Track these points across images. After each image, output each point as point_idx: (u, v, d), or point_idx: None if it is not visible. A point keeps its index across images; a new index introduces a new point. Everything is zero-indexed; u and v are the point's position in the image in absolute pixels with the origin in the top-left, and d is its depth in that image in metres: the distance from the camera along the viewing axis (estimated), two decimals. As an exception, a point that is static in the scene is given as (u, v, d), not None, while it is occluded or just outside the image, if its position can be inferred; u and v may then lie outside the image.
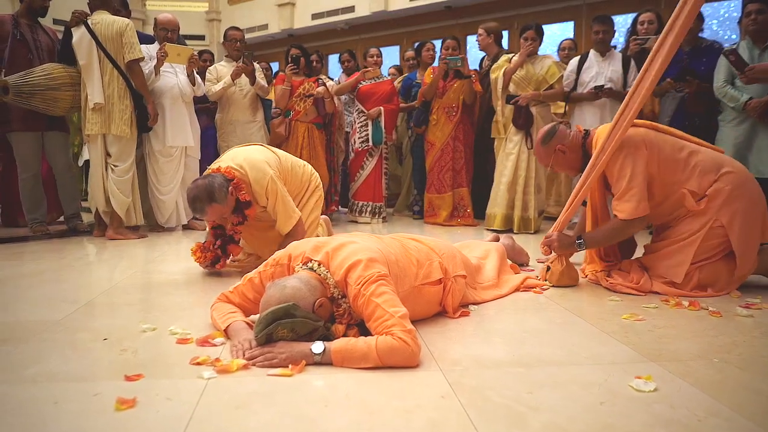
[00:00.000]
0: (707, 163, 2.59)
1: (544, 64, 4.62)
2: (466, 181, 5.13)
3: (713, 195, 2.54)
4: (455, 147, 5.09)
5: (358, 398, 1.45)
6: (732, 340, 1.92)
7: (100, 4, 4.23)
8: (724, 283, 2.56)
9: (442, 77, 5.02)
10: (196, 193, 2.70)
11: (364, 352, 1.63)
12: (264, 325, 1.67)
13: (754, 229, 2.55)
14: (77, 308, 2.31)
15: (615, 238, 2.70)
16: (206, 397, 1.45)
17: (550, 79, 4.58)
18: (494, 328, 2.08)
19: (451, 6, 9.07)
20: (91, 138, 4.22)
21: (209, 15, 12.11)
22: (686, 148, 2.63)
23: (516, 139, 4.63)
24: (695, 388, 1.52)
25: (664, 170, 2.58)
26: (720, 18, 6.87)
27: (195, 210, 2.78)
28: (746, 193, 2.55)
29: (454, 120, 5.05)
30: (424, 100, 5.18)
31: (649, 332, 2.01)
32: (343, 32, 10.51)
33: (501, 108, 4.72)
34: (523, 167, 4.61)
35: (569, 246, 2.73)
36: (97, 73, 4.12)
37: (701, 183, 2.56)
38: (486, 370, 1.65)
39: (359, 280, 1.75)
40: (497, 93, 4.76)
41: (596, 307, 2.38)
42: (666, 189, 2.60)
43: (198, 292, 2.62)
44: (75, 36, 4.10)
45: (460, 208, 5.14)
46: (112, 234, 4.24)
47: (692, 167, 2.58)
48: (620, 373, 1.62)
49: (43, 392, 1.48)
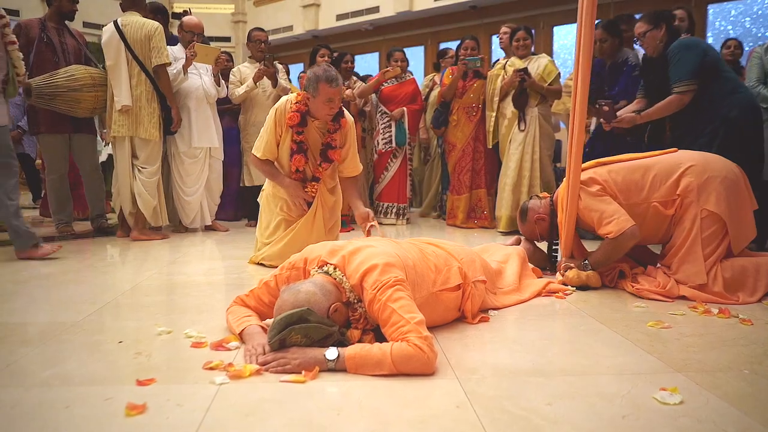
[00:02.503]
0: (663, 171, 2.65)
1: (540, 63, 4.62)
2: (485, 182, 5.03)
3: (685, 192, 2.58)
4: (475, 147, 5.02)
5: (371, 407, 1.41)
6: (764, 350, 1.84)
7: (131, 4, 4.28)
8: (753, 285, 2.48)
9: (461, 77, 4.97)
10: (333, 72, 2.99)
11: (379, 359, 1.59)
12: (277, 330, 1.65)
13: (740, 200, 2.58)
14: (97, 309, 2.32)
15: (614, 255, 2.71)
16: (217, 403, 1.43)
17: (547, 78, 4.56)
18: (514, 334, 2.03)
19: (476, 6, 8.98)
20: (118, 140, 4.26)
21: (235, 16, 12.20)
22: (639, 167, 2.70)
23: (519, 139, 4.59)
24: (724, 402, 1.45)
25: (626, 196, 2.67)
26: (753, 15, 6.68)
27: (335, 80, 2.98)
28: (715, 173, 2.58)
29: (475, 120, 4.98)
30: (443, 101, 5.13)
31: (676, 341, 1.94)
32: (368, 33, 10.48)
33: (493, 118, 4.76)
34: (527, 167, 4.56)
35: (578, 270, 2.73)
36: (125, 75, 4.15)
37: (666, 191, 2.62)
38: (504, 379, 1.61)
39: (375, 284, 1.72)
40: (492, 104, 4.77)
41: (621, 313, 2.31)
42: (637, 210, 2.65)
43: (217, 295, 2.61)
44: (104, 36, 4.15)
45: (478, 210, 5.06)
46: (136, 235, 4.29)
47: (651, 182, 2.66)
48: (645, 384, 1.56)
49: (56, 396, 1.47)
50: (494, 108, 4.76)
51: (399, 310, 1.67)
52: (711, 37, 7.49)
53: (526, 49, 4.65)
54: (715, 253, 2.54)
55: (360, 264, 1.79)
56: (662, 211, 2.63)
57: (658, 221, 2.65)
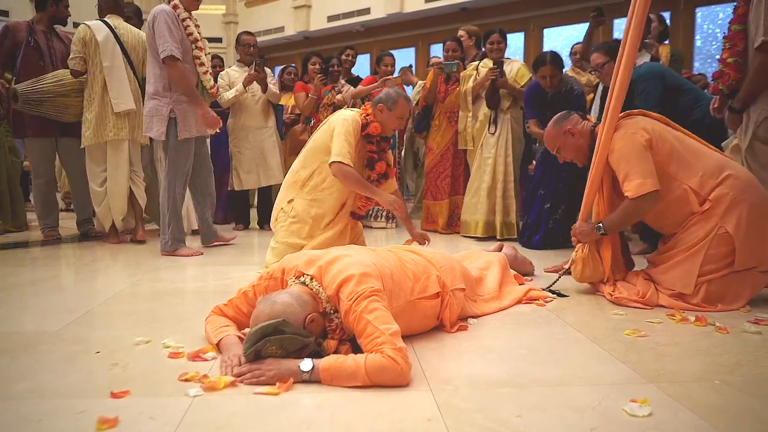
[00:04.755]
0: (711, 165, 2.55)
1: (513, 67, 4.63)
2: (464, 188, 4.89)
3: (716, 200, 2.48)
4: (455, 153, 4.94)
5: (342, 420, 1.42)
6: (736, 360, 1.86)
7: (113, 8, 4.22)
8: (734, 296, 2.49)
9: (443, 81, 4.96)
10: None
11: (353, 371, 1.60)
12: (253, 341, 1.66)
13: (761, 233, 2.48)
14: (77, 318, 2.32)
15: (630, 219, 2.67)
16: (190, 416, 1.44)
17: (520, 80, 4.57)
18: (491, 344, 2.04)
19: (467, 8, 9.01)
20: (116, 143, 4.15)
21: (226, 17, 12.20)
22: (692, 146, 2.61)
23: (492, 143, 4.57)
24: (693, 414, 1.46)
25: (667, 161, 2.55)
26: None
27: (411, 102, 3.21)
28: (750, 198, 2.48)
29: (456, 125, 4.92)
30: (425, 105, 5.10)
31: (651, 350, 1.96)
32: (359, 34, 10.50)
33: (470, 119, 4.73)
34: (501, 171, 4.55)
35: (590, 233, 2.70)
36: (125, 77, 4.11)
37: (703, 184, 2.52)
38: (477, 390, 1.62)
39: (351, 295, 1.73)
40: (467, 104, 4.75)
41: (599, 321, 2.33)
42: (668, 182, 2.54)
43: (198, 303, 2.62)
44: (99, 35, 4.04)
45: (455, 217, 4.97)
46: (143, 234, 4.32)
47: (695, 165, 2.55)
48: (616, 395, 1.58)
49: (30, 410, 1.47)
50: (469, 108, 4.73)
51: (374, 321, 1.68)
52: (699, 40, 7.55)
53: (500, 52, 4.62)
54: (712, 274, 2.47)
55: (336, 274, 1.80)
56: (689, 201, 2.52)
57: (680, 208, 2.56)
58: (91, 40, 4.03)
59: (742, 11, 2.90)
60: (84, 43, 4.02)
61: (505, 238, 4.44)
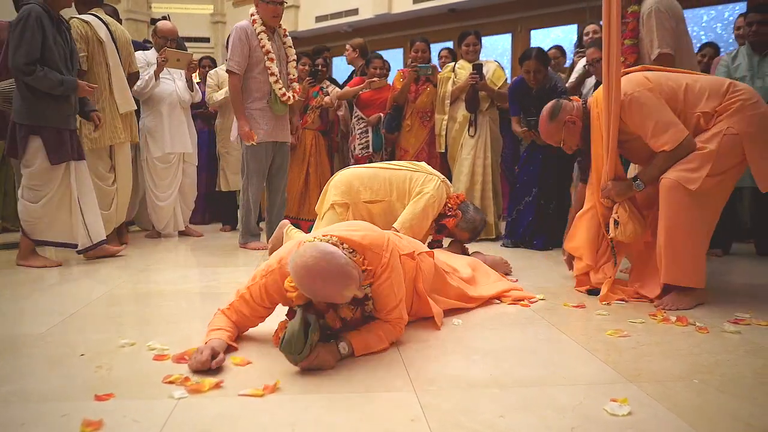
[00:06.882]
0: (713, 85, 2.55)
1: (489, 68, 4.65)
2: None
3: (723, 109, 2.48)
4: (430, 153, 4.94)
5: (326, 422, 1.43)
6: (715, 359, 1.89)
7: (98, 1, 4.09)
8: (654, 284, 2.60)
9: (413, 81, 4.95)
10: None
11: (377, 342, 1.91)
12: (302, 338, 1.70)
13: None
14: (62, 320, 2.32)
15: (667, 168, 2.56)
16: (174, 418, 1.44)
17: (497, 82, 4.59)
18: (475, 345, 2.06)
19: (455, 9, 9.03)
20: (122, 147, 4.14)
21: (214, 17, 12.12)
22: (683, 78, 2.60)
23: (470, 144, 4.60)
24: (672, 413, 1.49)
25: (672, 103, 2.53)
26: (725, 21, 6.80)
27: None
28: (759, 106, 2.48)
29: (429, 125, 4.93)
30: (395, 105, 5.05)
31: (632, 350, 1.99)
32: (347, 35, 10.47)
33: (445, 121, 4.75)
34: (479, 172, 4.58)
35: (627, 189, 2.64)
36: (123, 76, 4.07)
37: (712, 104, 2.50)
38: (461, 391, 1.63)
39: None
40: (444, 107, 4.76)
41: (583, 321, 2.36)
42: (684, 119, 2.52)
43: (184, 304, 2.62)
44: (100, 32, 3.93)
45: None
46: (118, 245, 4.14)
47: (698, 92, 2.54)
48: (597, 395, 1.60)
49: (13, 414, 1.47)
50: (445, 111, 4.75)
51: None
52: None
53: (475, 54, 4.66)
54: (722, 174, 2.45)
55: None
56: (700, 125, 2.52)
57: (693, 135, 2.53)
58: (93, 37, 3.90)
59: (632, 26, 2.97)
60: (87, 40, 3.88)
61: (483, 239, 4.46)
